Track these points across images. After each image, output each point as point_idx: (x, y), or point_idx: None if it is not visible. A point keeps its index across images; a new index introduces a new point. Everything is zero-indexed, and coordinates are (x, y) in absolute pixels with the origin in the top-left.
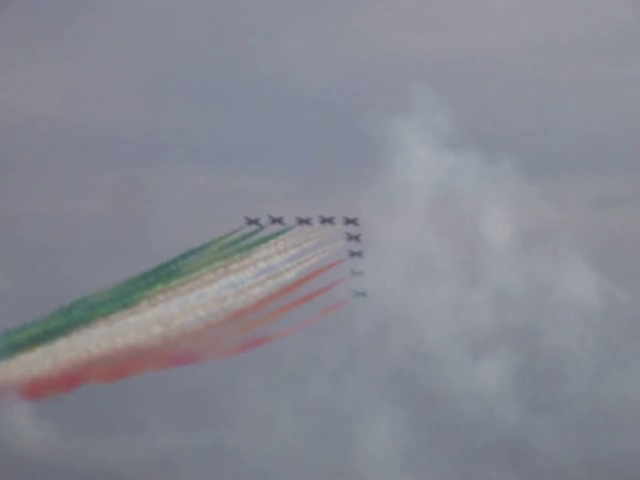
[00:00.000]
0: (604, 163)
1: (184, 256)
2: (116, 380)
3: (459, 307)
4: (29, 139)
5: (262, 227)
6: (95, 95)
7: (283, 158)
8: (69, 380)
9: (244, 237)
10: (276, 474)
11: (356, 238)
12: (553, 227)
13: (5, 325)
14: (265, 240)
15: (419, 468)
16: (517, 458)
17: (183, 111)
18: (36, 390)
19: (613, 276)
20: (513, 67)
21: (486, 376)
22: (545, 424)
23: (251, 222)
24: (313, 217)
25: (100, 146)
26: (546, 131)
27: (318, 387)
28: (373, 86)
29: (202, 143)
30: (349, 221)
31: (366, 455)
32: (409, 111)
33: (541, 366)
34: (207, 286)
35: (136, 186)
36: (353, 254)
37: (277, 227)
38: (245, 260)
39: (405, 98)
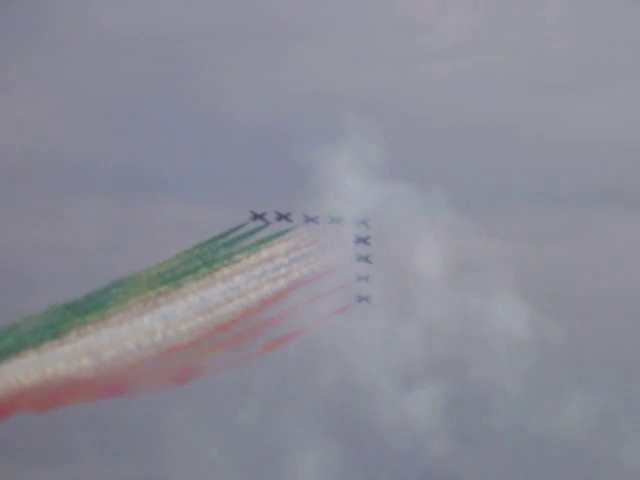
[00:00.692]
0: (538, 197)
1: (116, 285)
2: (47, 410)
3: (389, 339)
4: None
5: (268, 223)
6: (30, 123)
7: (214, 187)
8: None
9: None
10: None
11: (364, 241)
12: (484, 260)
13: None
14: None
15: None
16: None
17: (116, 139)
18: None
19: (544, 310)
20: (448, 99)
21: (416, 408)
22: (474, 457)
23: (257, 217)
24: (321, 215)
25: (33, 174)
26: (479, 163)
27: (248, 418)
28: (306, 116)
29: (134, 172)
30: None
31: None
32: (341, 142)
33: (470, 399)
34: (139, 317)
35: (69, 214)
36: (360, 258)
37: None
38: (178, 291)
39: (338, 129)
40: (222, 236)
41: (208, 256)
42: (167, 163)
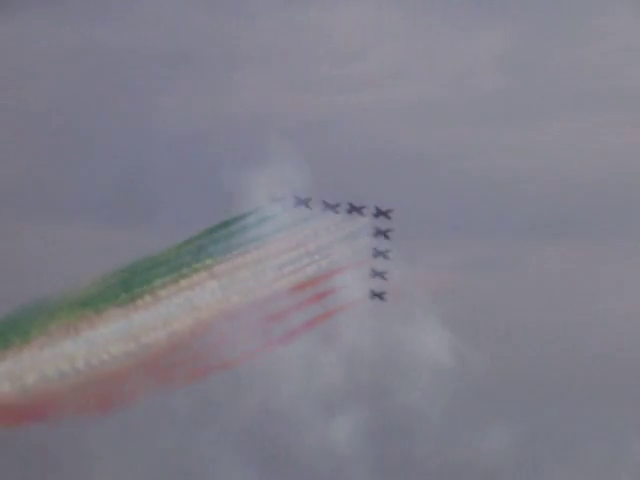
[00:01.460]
0: (462, 227)
1: (35, 309)
2: None
3: (312, 365)
4: None
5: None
6: None
7: (138, 210)
8: None
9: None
10: None
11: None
12: (407, 287)
13: None
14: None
15: None
16: None
17: (40, 162)
18: None
19: (465, 337)
20: (379, 127)
21: (338, 435)
22: None
23: (275, 201)
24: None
25: None
26: (406, 192)
27: (170, 443)
28: (234, 140)
29: (57, 196)
30: (380, 212)
31: None
32: (267, 167)
33: (392, 426)
34: (61, 342)
35: None
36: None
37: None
38: (100, 317)
39: (264, 154)
40: (146, 260)
41: (131, 281)
42: (90, 185)
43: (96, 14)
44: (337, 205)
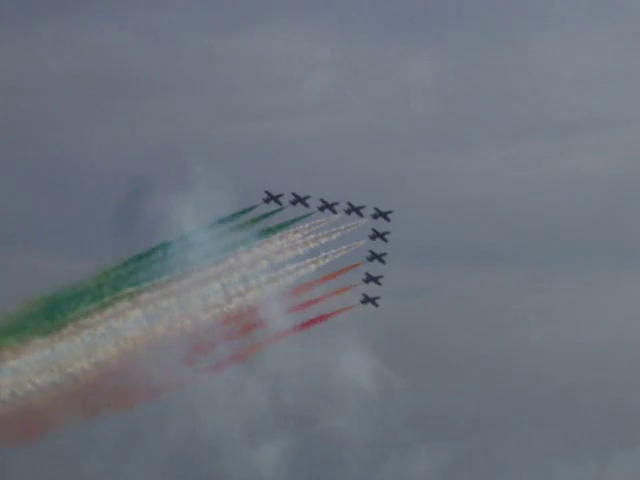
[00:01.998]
0: (392, 253)
1: None
2: None
3: (238, 394)
4: None
5: (282, 208)
6: None
7: (59, 236)
8: None
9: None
10: None
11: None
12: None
13: None
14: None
15: None
16: None
17: None
18: None
19: (390, 364)
20: (305, 153)
21: (264, 461)
22: None
23: (271, 198)
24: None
25: None
26: None
27: (94, 471)
28: (158, 168)
29: None
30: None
31: None
32: (191, 192)
33: (318, 451)
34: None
35: None
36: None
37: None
38: (24, 346)
39: (188, 180)
40: (69, 288)
41: (54, 310)
42: (11, 212)
43: None
44: (335, 204)
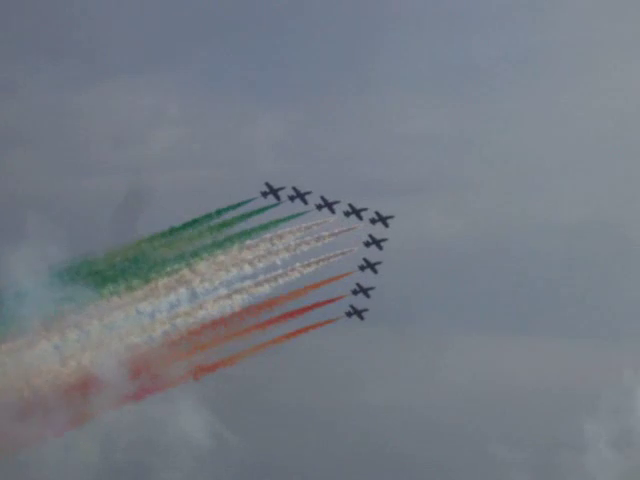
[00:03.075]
0: None
1: None
2: None
3: (70, 448)
4: None
5: (280, 202)
6: None
7: None
8: None
9: None
10: None
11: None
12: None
13: None
14: None
15: None
16: None
17: None
18: None
19: (223, 418)
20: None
21: None
22: None
23: (271, 192)
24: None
25: None
26: None
27: None
28: None
29: None
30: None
31: None
32: (23, 243)
33: None
34: None
35: None
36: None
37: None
38: None
39: (22, 230)
40: None
41: None
42: None
43: None
44: (336, 202)
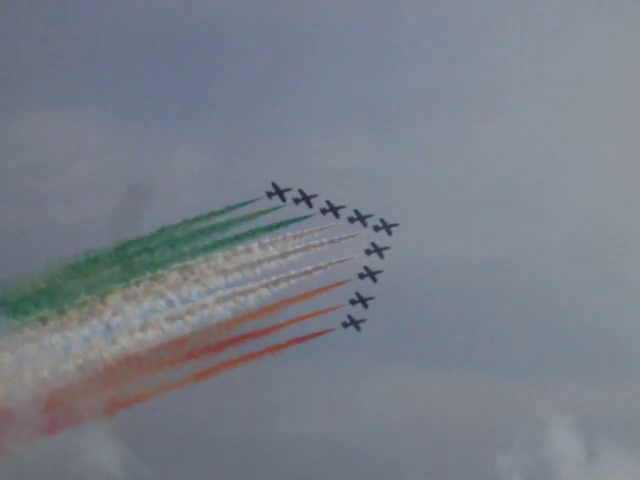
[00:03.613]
0: None
1: None
2: None
3: None
4: None
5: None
6: None
7: None
8: None
9: None
10: None
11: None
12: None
13: None
14: None
15: None
16: None
17: None
18: None
19: (135, 449)
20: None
21: None
22: None
23: (277, 192)
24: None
25: None
26: None
27: None
28: None
29: None
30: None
31: None
32: None
33: None
34: None
35: None
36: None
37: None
38: None
39: None
40: None
41: None
42: None
43: None
44: (341, 207)
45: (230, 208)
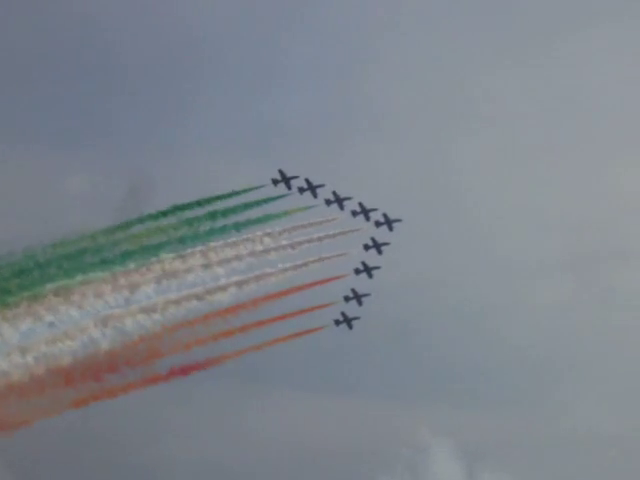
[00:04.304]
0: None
1: None
2: None
3: None
4: None
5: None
6: None
7: None
8: None
9: None
10: None
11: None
12: None
13: None
14: None
15: None
16: None
17: None
18: None
19: (19, 475)
20: None
21: None
22: None
23: (283, 180)
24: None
25: None
26: None
27: None
28: None
29: None
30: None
31: None
32: None
33: None
34: None
35: None
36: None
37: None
38: None
39: None
40: None
41: None
42: None
43: None
44: (347, 198)
45: (236, 193)
